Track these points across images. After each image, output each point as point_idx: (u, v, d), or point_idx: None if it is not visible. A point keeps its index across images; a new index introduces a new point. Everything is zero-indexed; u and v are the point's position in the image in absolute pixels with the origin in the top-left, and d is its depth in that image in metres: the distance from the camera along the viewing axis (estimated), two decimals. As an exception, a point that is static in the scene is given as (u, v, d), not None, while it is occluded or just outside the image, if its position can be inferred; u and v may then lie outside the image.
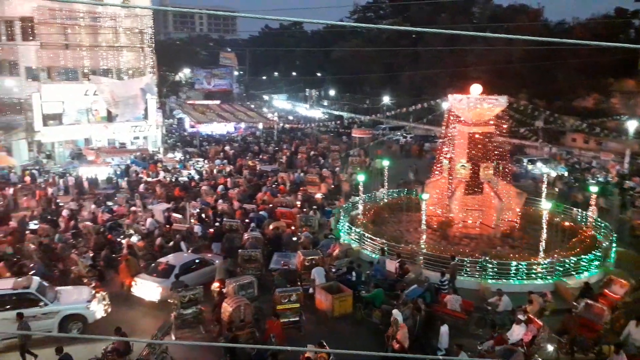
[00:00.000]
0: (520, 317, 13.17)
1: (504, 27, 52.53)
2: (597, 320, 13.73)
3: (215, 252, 19.74)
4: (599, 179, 31.61)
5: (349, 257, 18.69)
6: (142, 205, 25.43)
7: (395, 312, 13.40)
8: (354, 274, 16.69)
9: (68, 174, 32.45)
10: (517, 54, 47.07)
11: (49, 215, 23.52)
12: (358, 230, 20.91)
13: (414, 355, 12.34)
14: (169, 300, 15.02)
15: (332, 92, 80.00)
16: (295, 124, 61.20)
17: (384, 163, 26.30)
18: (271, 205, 24.91)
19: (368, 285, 16.22)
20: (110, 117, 40.93)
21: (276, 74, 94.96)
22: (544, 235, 18.00)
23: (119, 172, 33.25)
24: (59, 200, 26.52)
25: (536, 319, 13.30)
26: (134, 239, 20.28)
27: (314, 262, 17.08)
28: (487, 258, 17.62)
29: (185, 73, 74.72)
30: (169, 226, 21.89)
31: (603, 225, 21.24)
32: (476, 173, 21.41)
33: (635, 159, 36.46)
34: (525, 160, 37.07)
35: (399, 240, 19.89)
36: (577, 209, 23.43)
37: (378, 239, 19.63)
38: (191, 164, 37.50)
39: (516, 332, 12.99)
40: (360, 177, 23.68)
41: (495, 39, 46.48)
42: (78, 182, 30.45)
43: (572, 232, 20.99)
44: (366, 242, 20.20)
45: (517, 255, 18.37)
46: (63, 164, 36.66)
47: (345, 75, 70.72)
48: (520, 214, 22.12)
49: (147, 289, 16.28)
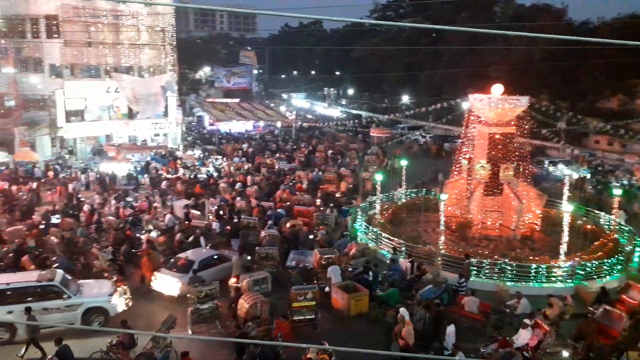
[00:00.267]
0: (527, 322, 12.95)
1: (526, 27, 51.78)
2: (615, 326, 13.38)
3: (234, 249, 19.88)
4: (622, 181, 30.99)
5: (366, 257, 18.64)
6: (162, 202, 25.78)
7: (402, 309, 13.39)
8: (370, 274, 16.65)
9: (89, 170, 33.02)
10: (539, 54, 46.32)
11: (70, 210, 23.97)
12: (375, 229, 20.85)
13: (414, 354, 12.35)
14: (188, 295, 15.19)
15: (350, 91, 79.77)
16: (314, 122, 61.21)
17: (402, 163, 26.19)
18: (289, 203, 25.00)
19: (384, 285, 16.18)
20: (131, 114, 41.50)
21: (295, 72, 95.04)
22: (565, 238, 17.70)
23: (139, 169, 33.71)
24: (80, 195, 27.00)
25: (543, 324, 12.97)
26: (153, 234, 20.57)
27: (331, 261, 17.13)
28: (506, 260, 17.41)
29: (205, 71, 75.22)
30: (188, 222, 22.14)
31: (627, 229, 20.81)
32: (496, 174, 21.17)
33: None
34: (547, 162, 36.52)
35: (416, 241, 19.79)
36: (600, 212, 22.99)
37: (395, 239, 19.54)
38: (210, 161, 37.82)
39: (522, 337, 12.82)
40: (378, 176, 23.62)
41: (517, 37, 45.77)
42: (100, 177, 30.96)
43: (595, 236, 20.62)
44: (383, 242, 20.13)
45: (536, 258, 18.11)
46: (84, 159, 37.29)
47: (364, 74, 70.41)
48: (541, 216, 21.80)
49: (166, 283, 16.49)
